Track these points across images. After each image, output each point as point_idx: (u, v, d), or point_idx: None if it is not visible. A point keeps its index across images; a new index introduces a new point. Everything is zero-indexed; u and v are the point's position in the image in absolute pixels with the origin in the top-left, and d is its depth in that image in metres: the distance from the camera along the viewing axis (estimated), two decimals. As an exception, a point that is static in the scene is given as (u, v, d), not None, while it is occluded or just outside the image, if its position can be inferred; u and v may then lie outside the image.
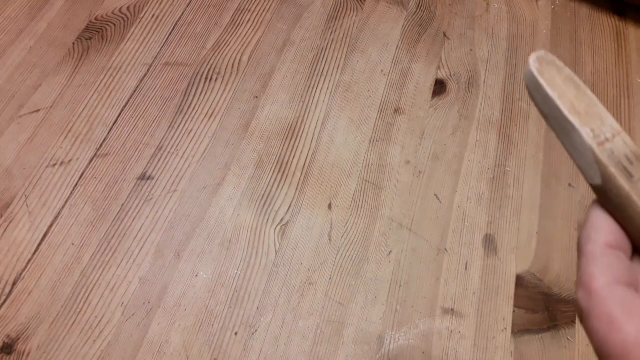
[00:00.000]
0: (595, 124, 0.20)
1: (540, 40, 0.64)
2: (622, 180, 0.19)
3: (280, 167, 0.53)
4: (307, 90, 0.58)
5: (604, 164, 0.20)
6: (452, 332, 0.46)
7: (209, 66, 0.58)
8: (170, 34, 0.60)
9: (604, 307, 0.18)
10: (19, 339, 0.43)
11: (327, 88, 0.58)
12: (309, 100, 0.57)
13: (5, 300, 0.44)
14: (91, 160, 0.51)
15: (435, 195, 0.52)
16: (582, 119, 0.20)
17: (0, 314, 0.44)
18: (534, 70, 0.22)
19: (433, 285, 0.48)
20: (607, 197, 0.20)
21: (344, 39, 0.62)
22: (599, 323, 0.18)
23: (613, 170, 0.20)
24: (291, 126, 0.55)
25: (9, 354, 0.42)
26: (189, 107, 0.55)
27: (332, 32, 0.62)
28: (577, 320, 0.47)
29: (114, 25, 0.60)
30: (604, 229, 0.20)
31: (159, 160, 0.52)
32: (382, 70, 0.60)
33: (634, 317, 0.17)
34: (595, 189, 0.21)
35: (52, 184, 0.50)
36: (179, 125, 0.54)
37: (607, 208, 0.20)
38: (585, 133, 0.20)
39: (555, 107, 0.21)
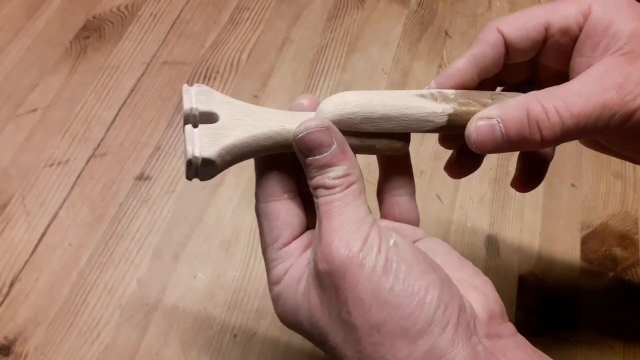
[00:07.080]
0: (426, 87, 0.29)
1: (543, 38, 0.64)
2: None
3: (280, 167, 0.52)
4: (307, 89, 0.57)
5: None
6: (453, 334, 0.46)
7: (207, 65, 0.58)
8: (168, 32, 0.59)
9: None
10: (16, 340, 0.42)
11: (327, 87, 0.58)
12: (308, 99, 0.57)
13: (3, 302, 0.44)
14: (88, 160, 0.51)
15: (437, 195, 0.52)
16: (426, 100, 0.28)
17: (-3, 315, 0.43)
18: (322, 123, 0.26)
19: (434, 287, 0.48)
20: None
21: (344, 37, 0.61)
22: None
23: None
24: (291, 125, 0.55)
25: (6, 355, 0.42)
26: (187, 107, 0.55)
27: (332, 31, 0.62)
28: (580, 322, 0.47)
29: (112, 23, 0.59)
30: None
31: (156, 160, 0.52)
32: (382, 69, 0.60)
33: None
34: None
35: (49, 184, 0.49)
36: (177, 125, 0.53)
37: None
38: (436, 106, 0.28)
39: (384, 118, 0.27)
